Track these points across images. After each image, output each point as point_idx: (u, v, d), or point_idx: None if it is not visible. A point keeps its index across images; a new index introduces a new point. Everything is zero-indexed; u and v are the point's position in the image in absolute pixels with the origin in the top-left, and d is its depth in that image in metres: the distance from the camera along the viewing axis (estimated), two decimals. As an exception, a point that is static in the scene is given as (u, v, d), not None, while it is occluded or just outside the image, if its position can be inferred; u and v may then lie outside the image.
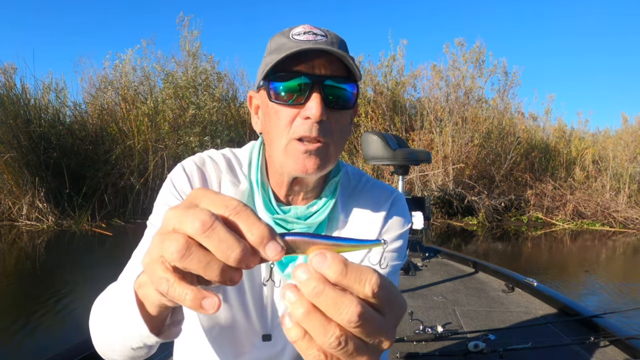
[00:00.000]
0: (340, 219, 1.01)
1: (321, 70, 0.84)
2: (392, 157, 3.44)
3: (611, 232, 9.51)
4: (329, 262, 0.40)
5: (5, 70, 8.68)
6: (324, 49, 0.82)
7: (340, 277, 0.40)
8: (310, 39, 0.84)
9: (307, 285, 0.40)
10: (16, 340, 3.33)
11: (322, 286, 0.39)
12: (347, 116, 0.91)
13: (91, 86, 10.93)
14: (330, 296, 0.39)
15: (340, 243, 0.45)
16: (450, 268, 3.85)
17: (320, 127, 0.84)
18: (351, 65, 0.85)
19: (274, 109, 0.87)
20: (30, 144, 8.22)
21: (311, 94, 0.83)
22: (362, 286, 0.40)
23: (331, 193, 0.99)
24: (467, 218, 10.07)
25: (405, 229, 1.05)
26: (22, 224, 7.90)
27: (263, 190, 0.96)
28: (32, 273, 5.16)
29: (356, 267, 0.41)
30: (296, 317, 0.41)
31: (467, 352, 2.19)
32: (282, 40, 0.87)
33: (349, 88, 0.87)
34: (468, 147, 10.33)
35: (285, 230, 0.95)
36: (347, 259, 0.41)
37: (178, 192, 0.95)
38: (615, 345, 2.28)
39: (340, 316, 0.39)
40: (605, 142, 12.47)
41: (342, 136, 0.91)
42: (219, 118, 10.48)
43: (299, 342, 0.42)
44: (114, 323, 0.69)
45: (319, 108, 0.82)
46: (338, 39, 0.89)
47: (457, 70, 11.24)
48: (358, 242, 0.46)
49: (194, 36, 10.83)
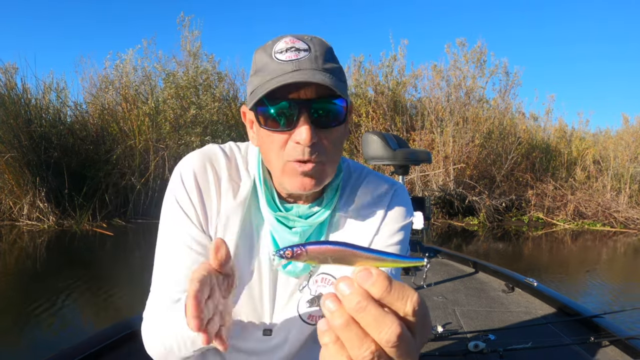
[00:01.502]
0: (341, 217, 1.02)
1: (307, 94, 0.83)
2: (392, 157, 3.43)
3: (612, 233, 9.50)
4: (374, 279, 0.40)
5: (6, 70, 8.69)
6: (305, 82, 0.80)
7: (384, 294, 0.40)
8: (292, 58, 0.83)
9: (350, 300, 0.40)
10: (17, 340, 3.34)
11: (366, 303, 0.40)
12: (340, 130, 0.90)
13: (92, 86, 10.93)
14: (372, 314, 0.40)
15: (383, 257, 0.45)
16: (450, 268, 3.85)
17: (312, 149, 0.84)
18: (337, 83, 0.84)
19: (265, 132, 0.87)
20: (31, 143, 8.22)
21: (299, 118, 0.83)
22: (404, 304, 0.40)
23: (333, 195, 1.00)
24: (467, 218, 10.07)
25: (406, 221, 1.05)
26: (23, 224, 7.91)
27: (266, 187, 0.97)
28: (32, 273, 5.17)
29: (399, 285, 0.41)
30: (334, 326, 0.41)
31: (467, 352, 2.19)
32: (265, 60, 0.86)
33: (338, 102, 0.86)
34: (469, 147, 10.32)
35: (287, 228, 0.96)
36: (390, 276, 0.41)
37: (181, 208, 0.96)
38: (615, 345, 2.27)
39: (380, 335, 0.39)
40: (606, 142, 12.45)
41: (337, 149, 0.91)
42: (220, 118, 10.47)
43: (330, 345, 0.42)
44: (180, 338, 0.84)
45: (308, 133, 0.81)
46: (323, 48, 0.87)
47: (458, 70, 11.23)
48: (401, 258, 0.46)
49: (194, 36, 10.83)
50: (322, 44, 0.88)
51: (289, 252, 0.47)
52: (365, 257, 0.45)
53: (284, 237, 0.96)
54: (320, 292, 1.00)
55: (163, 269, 0.95)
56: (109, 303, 4.11)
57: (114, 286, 4.43)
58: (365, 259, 0.45)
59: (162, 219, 0.99)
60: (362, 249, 0.45)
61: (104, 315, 3.90)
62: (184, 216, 0.95)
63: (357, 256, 0.45)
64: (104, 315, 3.90)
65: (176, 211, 0.96)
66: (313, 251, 0.47)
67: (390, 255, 0.46)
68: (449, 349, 2.34)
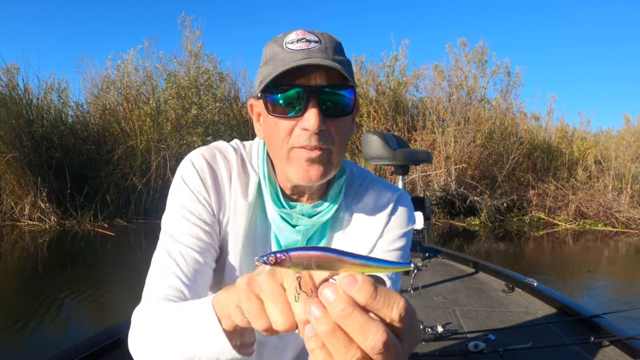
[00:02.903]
0: (344, 217, 1.02)
1: (317, 81, 0.83)
2: (392, 157, 3.44)
3: (613, 233, 9.48)
4: (359, 285, 0.40)
5: (8, 70, 8.72)
6: (317, 64, 0.82)
7: (369, 300, 0.40)
8: (303, 47, 0.84)
9: (335, 307, 0.40)
10: (17, 339, 3.34)
11: (351, 309, 0.39)
12: (347, 121, 0.91)
13: (93, 86, 10.97)
14: (357, 321, 0.39)
15: (369, 263, 0.45)
16: (451, 268, 3.85)
17: (320, 136, 0.84)
18: (347, 73, 0.84)
19: (273, 120, 0.88)
20: (32, 144, 8.24)
21: (308, 105, 0.83)
22: (390, 310, 0.40)
23: (336, 195, 1.00)
24: (469, 218, 10.06)
25: (408, 228, 1.05)
26: (25, 224, 7.93)
27: (270, 184, 0.97)
28: (34, 273, 5.18)
29: (385, 291, 0.41)
30: (319, 333, 0.40)
31: (467, 352, 2.19)
32: (276, 50, 0.87)
33: (346, 94, 0.86)
34: (470, 147, 10.31)
35: (290, 227, 0.96)
36: (375, 282, 0.41)
37: (192, 191, 0.94)
38: (615, 345, 2.27)
39: (365, 342, 0.39)
40: (608, 142, 12.42)
41: (343, 141, 0.91)
42: (221, 118, 10.49)
43: (316, 351, 0.42)
44: (181, 341, 0.72)
45: (316, 120, 0.82)
46: (333, 42, 0.88)
47: (459, 70, 11.22)
48: (387, 263, 0.46)
49: (196, 36, 10.86)
50: (332, 38, 0.89)
51: (272, 258, 0.46)
52: (351, 262, 0.44)
53: (287, 236, 0.96)
54: None
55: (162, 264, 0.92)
56: (110, 303, 4.11)
57: (115, 286, 4.44)
58: (351, 264, 0.44)
59: (170, 204, 0.96)
60: (347, 255, 0.45)
61: (104, 315, 3.91)
62: (194, 200, 0.94)
63: (342, 262, 0.44)
64: (104, 315, 3.91)
65: (186, 198, 0.94)
66: (296, 257, 0.46)
67: (376, 261, 0.45)
68: (449, 349, 2.34)
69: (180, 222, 0.93)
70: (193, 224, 0.92)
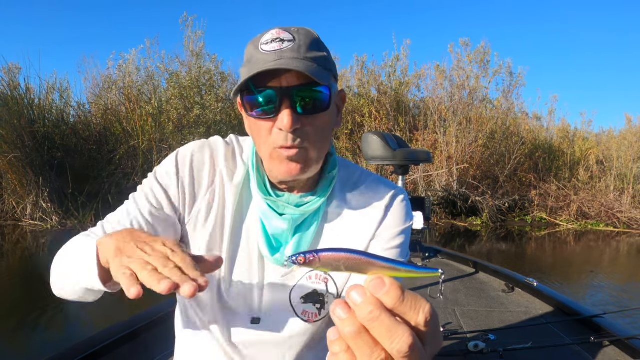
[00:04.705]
0: (337, 210, 1.03)
1: (288, 82, 0.84)
2: (392, 157, 3.43)
3: (615, 233, 9.47)
4: (387, 288, 0.40)
5: (9, 70, 8.73)
6: (283, 68, 0.82)
7: (397, 304, 0.40)
8: (276, 48, 0.85)
9: (362, 309, 0.40)
10: (18, 339, 3.36)
11: (379, 312, 0.39)
12: (324, 117, 0.91)
13: (95, 86, 11.00)
14: (385, 324, 0.39)
15: (397, 267, 0.44)
16: (451, 268, 3.84)
17: (295, 135, 0.86)
18: (318, 70, 0.85)
19: (252, 120, 0.91)
20: (34, 143, 8.26)
21: (281, 106, 0.85)
22: (416, 314, 0.40)
23: (326, 187, 1.01)
24: (471, 218, 10.05)
25: (406, 225, 1.05)
26: (26, 224, 7.95)
27: (258, 174, 0.99)
28: (35, 273, 5.18)
29: (412, 295, 0.41)
30: (344, 334, 0.41)
31: (467, 352, 2.19)
32: (252, 52, 0.88)
33: (323, 90, 0.87)
34: (472, 147, 10.30)
35: (277, 214, 0.97)
36: (402, 285, 0.41)
37: (162, 173, 1.00)
38: (615, 345, 2.26)
39: (392, 345, 0.39)
40: (609, 143, 12.40)
41: (322, 136, 0.92)
42: (223, 118, 10.50)
43: (340, 355, 0.42)
44: (72, 267, 0.88)
45: (289, 120, 0.83)
46: (308, 38, 0.88)
47: (461, 70, 11.21)
48: (415, 268, 0.45)
49: (197, 36, 10.87)
50: (308, 34, 0.89)
51: (302, 258, 0.46)
52: (380, 266, 0.44)
53: (274, 224, 0.97)
54: (314, 288, 1.01)
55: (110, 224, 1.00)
56: (110, 303, 4.11)
57: (115, 286, 4.43)
58: (380, 268, 0.44)
59: (138, 190, 1.03)
60: (377, 258, 0.44)
61: (104, 315, 3.91)
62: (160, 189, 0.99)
63: (371, 265, 0.44)
64: (104, 315, 3.91)
65: (154, 182, 1.00)
66: (326, 258, 0.46)
67: (406, 266, 0.45)
68: (449, 349, 2.33)
69: (140, 197, 1.00)
70: (147, 202, 0.99)
